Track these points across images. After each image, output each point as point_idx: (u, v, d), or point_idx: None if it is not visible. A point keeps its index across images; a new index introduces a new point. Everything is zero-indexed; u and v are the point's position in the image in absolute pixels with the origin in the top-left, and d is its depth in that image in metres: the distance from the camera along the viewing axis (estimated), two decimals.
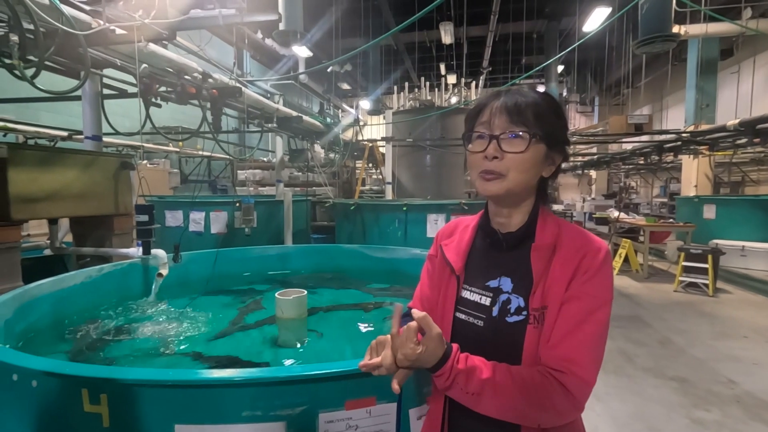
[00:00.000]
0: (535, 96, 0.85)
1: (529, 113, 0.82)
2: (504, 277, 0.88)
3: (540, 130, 0.82)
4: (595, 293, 0.80)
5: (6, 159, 2.42)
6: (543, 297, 0.82)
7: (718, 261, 6.21)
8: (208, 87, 3.76)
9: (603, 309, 0.80)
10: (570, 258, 0.82)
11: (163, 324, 2.61)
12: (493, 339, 0.85)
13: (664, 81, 12.88)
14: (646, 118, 8.45)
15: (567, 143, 0.89)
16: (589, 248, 0.83)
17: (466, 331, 0.90)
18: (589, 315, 0.79)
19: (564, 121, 0.88)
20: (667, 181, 13.55)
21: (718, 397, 3.13)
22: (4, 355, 1.26)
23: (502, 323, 0.84)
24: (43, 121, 7.09)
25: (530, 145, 0.82)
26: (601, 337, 0.80)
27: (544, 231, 0.86)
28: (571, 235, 0.85)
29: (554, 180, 0.92)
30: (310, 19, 10.17)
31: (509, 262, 0.89)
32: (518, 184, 0.84)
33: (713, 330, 4.59)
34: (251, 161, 10.83)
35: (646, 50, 5.97)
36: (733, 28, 7.35)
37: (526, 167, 0.83)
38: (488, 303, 0.87)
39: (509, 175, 0.83)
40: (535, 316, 0.81)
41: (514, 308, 0.84)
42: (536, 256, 0.84)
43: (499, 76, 18.52)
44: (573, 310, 0.79)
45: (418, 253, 3.46)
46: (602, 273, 0.81)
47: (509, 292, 0.86)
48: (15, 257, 2.51)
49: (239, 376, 1.16)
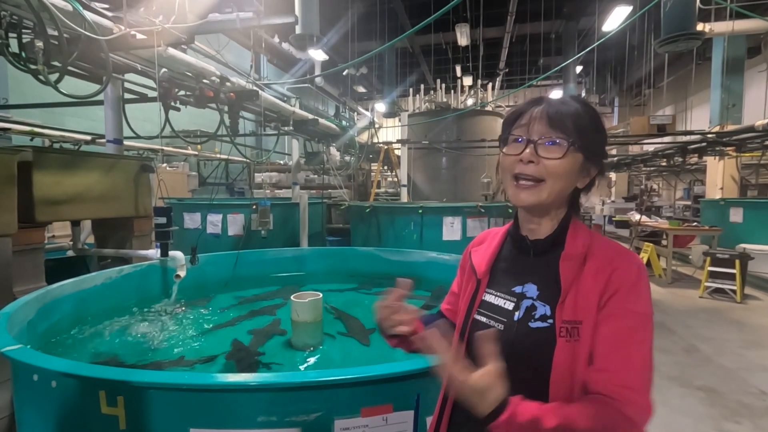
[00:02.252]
0: (577, 106, 0.84)
1: (569, 122, 0.81)
2: (530, 284, 0.86)
3: (579, 139, 0.81)
4: (636, 309, 0.77)
5: (31, 162, 2.48)
6: (575, 309, 0.78)
7: (746, 266, 5.98)
8: (226, 90, 3.80)
9: (647, 326, 0.77)
10: (601, 270, 0.79)
11: (180, 326, 2.63)
12: (513, 342, 0.82)
13: (687, 80, 12.53)
14: (669, 119, 8.24)
15: (604, 156, 0.88)
16: (622, 261, 0.80)
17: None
18: (635, 334, 0.75)
19: (603, 135, 0.87)
20: (691, 183, 13.16)
21: (748, 408, 3.00)
22: (25, 355, 1.28)
23: (524, 327, 0.82)
24: (69, 125, 7.31)
25: (568, 152, 0.80)
26: (650, 356, 0.76)
27: (575, 240, 0.84)
28: (603, 247, 0.83)
29: (587, 192, 0.90)
30: (326, 22, 10.25)
31: (536, 269, 0.87)
32: (552, 193, 0.82)
33: (742, 338, 4.41)
34: (268, 164, 10.94)
35: (669, 49, 5.81)
36: (762, 25, 7.10)
37: (561, 175, 0.81)
38: (511, 307, 0.86)
39: (546, 183, 0.81)
40: (567, 329, 0.77)
41: (539, 315, 0.82)
42: (565, 265, 0.82)
43: (516, 78, 18.32)
44: (618, 330, 0.76)
45: (434, 256, 3.43)
46: (639, 287, 0.78)
47: (534, 299, 0.84)
48: (39, 258, 2.57)
49: (254, 380, 1.15)
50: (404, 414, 1.18)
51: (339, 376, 1.16)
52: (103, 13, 2.73)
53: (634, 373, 0.73)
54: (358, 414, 1.16)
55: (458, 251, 4.27)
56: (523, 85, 14.02)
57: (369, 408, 1.17)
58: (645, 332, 0.76)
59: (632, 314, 0.76)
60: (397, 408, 1.18)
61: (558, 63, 12.55)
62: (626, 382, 0.73)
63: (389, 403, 1.17)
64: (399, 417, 1.18)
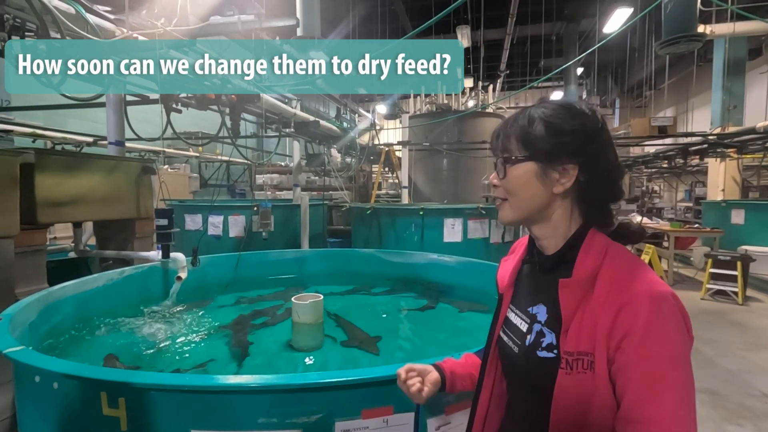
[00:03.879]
0: (526, 114, 0.83)
1: (513, 138, 0.83)
2: (541, 305, 0.82)
3: (522, 151, 0.81)
4: (656, 353, 0.66)
5: (33, 164, 2.49)
6: (579, 340, 0.72)
7: (747, 268, 5.97)
8: (227, 92, 3.81)
9: (679, 367, 0.67)
10: (609, 300, 0.71)
11: (181, 328, 2.64)
12: (525, 368, 0.81)
13: (688, 82, 12.53)
14: (671, 120, 8.24)
15: (577, 152, 0.78)
16: (635, 293, 0.69)
17: (504, 352, 0.89)
18: (663, 380, 0.66)
19: (561, 132, 0.78)
20: (692, 185, 13.14)
21: (751, 411, 2.99)
22: (27, 357, 1.29)
23: (533, 355, 0.79)
24: (71, 127, 7.33)
25: (508, 169, 0.82)
26: (686, 402, 0.66)
27: (584, 262, 0.76)
28: (614, 269, 0.73)
29: (593, 196, 0.80)
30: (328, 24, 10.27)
31: (547, 289, 0.81)
32: (517, 208, 0.83)
33: (744, 340, 4.39)
34: (269, 166, 10.96)
35: (670, 51, 5.81)
36: (763, 27, 7.10)
37: (513, 190, 0.82)
38: (525, 330, 0.84)
39: (508, 200, 0.84)
40: (568, 361, 0.72)
41: (546, 343, 0.78)
42: (565, 293, 0.75)
43: (517, 79, 18.34)
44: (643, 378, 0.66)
45: (435, 258, 3.43)
46: (656, 327, 0.67)
47: (542, 323, 0.81)
48: (41, 260, 2.58)
49: (255, 382, 1.15)
50: (405, 416, 1.18)
51: (340, 378, 1.16)
52: (105, 15, 2.74)
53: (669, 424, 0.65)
54: (358, 416, 1.16)
55: (459, 253, 4.28)
56: (524, 87, 14.04)
57: (370, 410, 1.17)
58: (676, 375, 0.66)
59: (656, 359, 0.67)
60: (397, 410, 1.18)
61: (559, 65, 12.56)
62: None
63: (390, 405, 1.17)
64: (400, 419, 1.18)
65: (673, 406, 0.65)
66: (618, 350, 0.68)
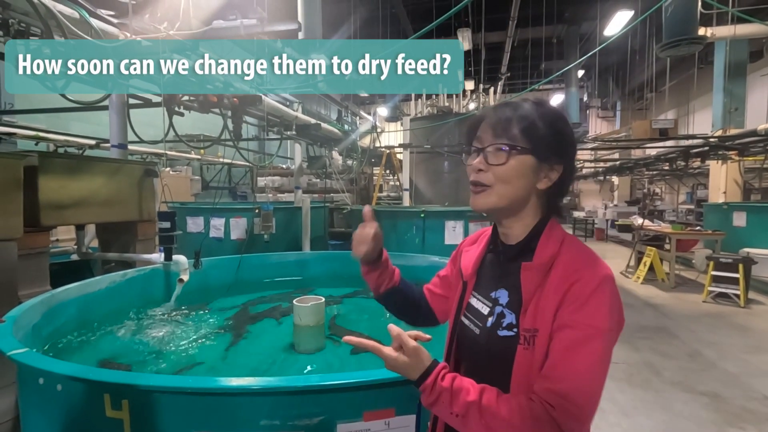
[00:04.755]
0: (527, 108, 0.86)
1: (515, 126, 0.84)
2: (502, 290, 0.89)
3: (524, 143, 0.83)
4: (587, 322, 0.75)
5: (37, 167, 2.51)
6: (535, 318, 0.80)
7: (749, 270, 5.96)
8: (229, 95, 3.83)
9: (597, 339, 0.75)
10: (561, 282, 0.79)
11: (183, 330, 2.64)
12: (486, 348, 0.86)
13: (689, 84, 12.52)
14: (672, 123, 8.23)
15: (564, 156, 0.87)
16: (584, 273, 0.78)
17: (466, 335, 0.93)
18: (580, 345, 0.74)
19: (561, 135, 0.86)
20: (694, 187, 13.12)
21: (753, 414, 2.98)
22: (31, 359, 1.30)
23: (494, 335, 0.85)
24: (73, 129, 7.36)
25: (510, 157, 0.83)
26: (595, 369, 0.74)
27: (544, 249, 0.84)
28: (569, 257, 0.82)
29: (561, 193, 0.89)
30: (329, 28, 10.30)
31: (508, 276, 0.89)
32: (503, 198, 0.85)
33: (746, 343, 4.38)
34: (270, 168, 10.98)
35: (670, 53, 5.83)
36: (764, 30, 7.10)
37: (507, 179, 0.84)
38: (486, 312, 0.89)
39: (494, 187, 0.85)
40: (526, 337, 0.79)
41: (506, 323, 0.84)
42: (527, 275, 0.83)
43: (518, 82, 18.35)
44: (562, 340, 0.76)
45: (436, 260, 3.43)
46: (595, 300, 0.76)
47: (504, 306, 0.87)
48: (44, 262, 2.59)
49: (257, 384, 1.16)
50: (406, 418, 1.18)
51: (341, 380, 1.16)
52: (108, 20, 2.76)
53: (573, 383, 0.73)
54: (360, 418, 1.17)
55: None
56: (525, 90, 14.04)
57: (371, 412, 1.17)
58: (595, 344, 0.75)
59: (582, 326, 0.75)
60: (399, 412, 1.18)
61: (560, 67, 12.58)
62: (561, 390, 0.72)
63: (391, 407, 1.18)
64: (401, 421, 1.18)
65: (584, 370, 0.73)
66: (556, 319, 0.77)
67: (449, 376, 0.78)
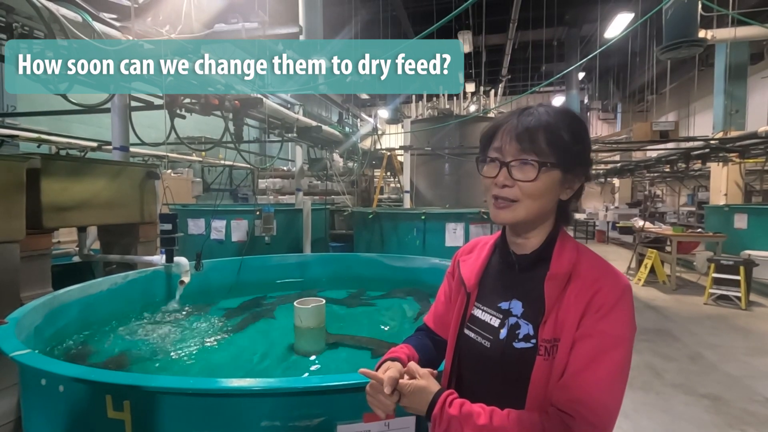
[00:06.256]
0: (551, 117, 0.81)
1: (541, 139, 0.79)
2: (515, 300, 0.86)
3: (553, 156, 0.79)
4: (609, 331, 0.75)
5: (39, 170, 2.52)
6: (555, 328, 0.78)
7: (750, 273, 5.94)
8: (231, 98, 3.85)
9: (619, 348, 0.74)
10: (584, 290, 0.78)
11: (184, 332, 2.65)
12: (500, 362, 0.83)
13: (690, 87, 12.53)
14: (672, 125, 8.24)
15: (587, 165, 0.85)
16: (605, 282, 0.78)
17: (472, 349, 0.89)
18: (602, 354, 0.74)
19: (584, 145, 0.84)
20: (695, 189, 13.11)
21: (755, 416, 2.97)
22: (33, 360, 1.30)
23: (509, 347, 0.82)
24: (75, 132, 7.38)
25: (540, 173, 0.78)
26: (616, 379, 0.74)
27: (561, 257, 0.82)
28: (589, 265, 0.81)
29: (576, 201, 0.88)
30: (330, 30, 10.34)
31: (522, 285, 0.86)
32: (530, 212, 0.81)
33: (747, 345, 4.37)
34: (272, 170, 11.00)
35: (671, 56, 5.84)
36: (764, 32, 7.11)
37: (537, 195, 0.80)
38: (497, 324, 0.86)
39: (522, 202, 0.80)
40: (546, 348, 0.78)
41: (523, 334, 0.82)
42: (550, 285, 0.80)
43: (519, 84, 18.39)
44: (585, 349, 0.75)
45: (437, 262, 3.43)
46: (618, 310, 0.76)
47: (518, 317, 0.84)
48: (46, 264, 2.60)
49: (258, 386, 1.16)
50: (406, 419, 1.19)
51: (341, 382, 1.17)
52: (111, 23, 2.78)
53: (593, 392, 0.72)
54: (360, 419, 1.17)
55: None
56: (525, 92, 14.07)
57: (371, 413, 1.17)
58: (616, 354, 0.74)
59: (604, 335, 0.75)
60: (399, 413, 1.19)
61: (561, 69, 12.60)
62: (580, 398, 0.71)
63: None
64: (401, 422, 1.19)
65: (608, 378, 0.73)
66: (579, 328, 0.76)
67: (457, 403, 0.77)
